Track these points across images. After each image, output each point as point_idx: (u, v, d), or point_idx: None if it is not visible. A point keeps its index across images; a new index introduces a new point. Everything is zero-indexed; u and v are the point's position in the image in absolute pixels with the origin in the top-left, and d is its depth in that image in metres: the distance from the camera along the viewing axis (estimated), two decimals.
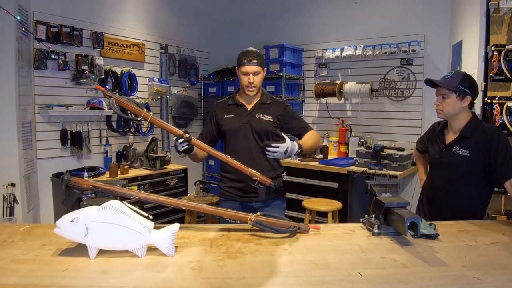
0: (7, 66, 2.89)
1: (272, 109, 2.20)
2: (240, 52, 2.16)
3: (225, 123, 2.20)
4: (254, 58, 2.08)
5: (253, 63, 2.08)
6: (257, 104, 2.20)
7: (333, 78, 4.44)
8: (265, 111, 2.19)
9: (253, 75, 2.10)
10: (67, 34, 3.49)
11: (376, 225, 1.58)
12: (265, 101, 2.22)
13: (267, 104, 2.22)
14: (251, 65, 2.09)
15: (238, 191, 2.19)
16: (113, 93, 3.84)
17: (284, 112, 2.21)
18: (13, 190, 2.87)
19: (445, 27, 3.74)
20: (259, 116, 2.17)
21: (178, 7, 4.74)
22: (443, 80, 1.94)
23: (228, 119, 2.20)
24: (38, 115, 3.41)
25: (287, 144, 1.85)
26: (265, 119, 2.16)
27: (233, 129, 2.17)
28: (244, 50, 2.16)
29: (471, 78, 1.95)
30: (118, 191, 1.53)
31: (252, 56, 2.09)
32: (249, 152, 2.13)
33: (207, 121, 2.32)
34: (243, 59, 2.10)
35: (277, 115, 2.19)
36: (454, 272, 1.24)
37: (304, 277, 1.20)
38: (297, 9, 4.74)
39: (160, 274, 1.21)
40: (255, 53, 2.12)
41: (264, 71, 2.17)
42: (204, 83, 5.02)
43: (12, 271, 1.21)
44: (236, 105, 2.21)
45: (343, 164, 3.72)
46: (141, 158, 4.01)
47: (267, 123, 2.16)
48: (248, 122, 2.16)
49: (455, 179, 1.98)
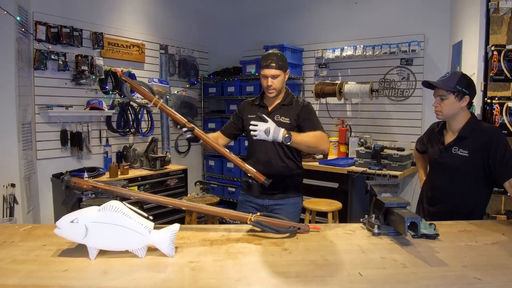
0: (7, 66, 2.89)
1: (292, 110, 2.22)
2: (263, 54, 2.20)
3: (247, 123, 2.23)
4: (272, 62, 2.12)
5: (271, 67, 2.13)
6: (278, 105, 2.24)
7: (333, 78, 4.44)
8: (284, 112, 2.21)
9: (271, 78, 2.14)
10: (67, 35, 3.49)
11: (376, 225, 1.58)
12: (286, 102, 2.24)
13: (287, 106, 2.23)
14: (269, 69, 2.13)
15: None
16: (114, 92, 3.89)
17: (301, 112, 2.20)
18: (13, 190, 2.87)
19: (445, 27, 3.74)
20: (277, 118, 2.20)
21: (178, 7, 4.74)
22: (441, 81, 1.94)
23: (250, 120, 2.20)
24: (38, 115, 3.41)
25: (267, 124, 1.88)
26: (283, 121, 2.19)
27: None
28: (265, 53, 2.20)
29: (468, 78, 1.94)
30: (118, 192, 1.53)
31: (271, 59, 2.13)
32: (265, 153, 2.19)
33: (232, 116, 2.41)
34: (262, 62, 2.15)
35: (294, 116, 2.20)
36: (454, 272, 1.24)
37: (305, 278, 1.20)
38: (297, 9, 4.74)
39: (160, 275, 1.21)
40: (274, 56, 2.14)
41: (286, 73, 2.20)
42: (204, 84, 5.02)
43: (12, 271, 1.21)
44: (259, 106, 2.28)
45: (343, 164, 3.72)
46: (141, 159, 4.01)
47: (284, 125, 2.12)
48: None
49: (454, 179, 1.98)
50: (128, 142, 4.18)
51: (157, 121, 4.46)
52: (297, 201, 2.31)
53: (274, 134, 1.88)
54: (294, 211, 2.26)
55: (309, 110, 2.21)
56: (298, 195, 2.32)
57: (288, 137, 1.91)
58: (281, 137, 1.89)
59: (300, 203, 2.33)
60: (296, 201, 2.30)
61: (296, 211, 2.28)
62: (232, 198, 4.69)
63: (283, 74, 2.17)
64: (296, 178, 2.29)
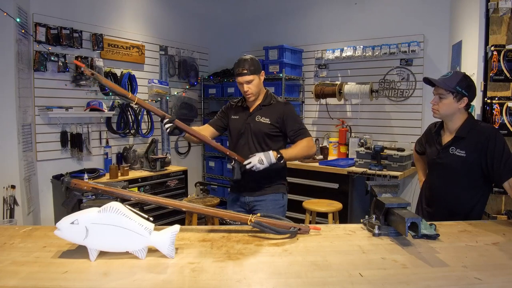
0: (7, 68, 2.89)
1: (272, 111, 2.29)
2: (235, 62, 2.25)
3: (230, 123, 2.39)
4: (244, 69, 2.18)
5: (244, 74, 2.19)
6: (258, 106, 2.32)
7: (333, 79, 4.44)
8: (264, 113, 2.29)
9: (246, 84, 2.21)
10: (67, 36, 3.49)
11: (376, 225, 1.58)
12: (266, 103, 2.31)
13: (267, 106, 2.30)
14: (242, 76, 2.20)
15: (234, 184, 2.41)
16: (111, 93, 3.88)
17: (283, 112, 2.27)
18: (13, 192, 2.87)
19: (444, 27, 3.75)
20: (258, 118, 2.29)
21: (178, 8, 4.75)
22: (441, 80, 1.94)
23: (233, 120, 2.38)
24: (38, 117, 3.41)
25: (257, 156, 2.09)
26: (263, 121, 2.27)
27: (235, 130, 2.36)
28: (236, 60, 2.25)
29: (470, 79, 1.93)
30: (118, 193, 1.53)
31: (242, 67, 2.18)
32: (248, 152, 2.22)
33: (220, 111, 2.49)
34: (235, 70, 2.22)
35: (275, 117, 2.27)
36: (455, 272, 1.24)
37: (305, 278, 1.20)
38: (296, 10, 4.75)
39: (160, 276, 1.21)
40: (245, 62, 2.19)
41: (260, 75, 2.25)
42: (204, 84, 5.02)
43: (13, 273, 1.21)
44: (242, 107, 2.37)
45: (343, 165, 3.72)
46: (141, 160, 4.02)
47: (264, 125, 2.26)
48: (248, 124, 2.29)
49: (452, 180, 1.97)
50: (128, 143, 4.18)
51: (157, 122, 4.46)
52: (277, 198, 2.33)
53: (266, 159, 2.09)
54: (274, 208, 2.29)
55: (289, 109, 2.31)
56: (278, 192, 2.34)
57: (280, 156, 2.12)
58: (274, 159, 2.10)
59: (281, 200, 2.35)
60: (275, 198, 2.32)
61: (277, 208, 2.30)
62: None
63: (257, 77, 2.23)
64: (275, 176, 2.31)
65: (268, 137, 2.27)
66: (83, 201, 1.55)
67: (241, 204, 2.38)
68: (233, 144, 2.37)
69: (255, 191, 2.31)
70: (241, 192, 2.36)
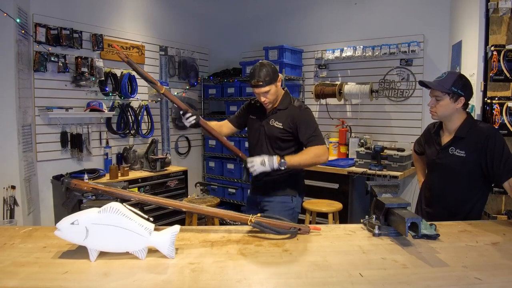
0: (7, 68, 2.89)
1: (286, 115, 2.26)
2: (251, 70, 2.22)
3: (248, 122, 2.44)
4: (259, 81, 2.15)
5: (260, 86, 2.16)
6: (274, 110, 2.31)
7: (333, 79, 4.44)
8: (279, 117, 2.27)
9: (262, 95, 2.21)
10: (67, 37, 3.49)
11: (376, 226, 1.58)
12: (282, 107, 2.28)
13: (282, 110, 2.28)
14: (259, 88, 2.18)
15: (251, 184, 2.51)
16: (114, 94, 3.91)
17: (296, 118, 2.23)
18: (13, 192, 2.87)
19: (444, 27, 3.75)
20: (272, 122, 2.28)
21: (178, 8, 4.75)
22: (436, 82, 1.93)
23: (251, 120, 2.41)
24: (38, 117, 3.41)
25: (260, 158, 2.10)
26: (276, 125, 2.26)
27: (251, 130, 2.41)
28: (251, 70, 2.21)
29: (465, 79, 1.93)
30: (119, 193, 1.53)
31: (258, 78, 2.15)
32: (260, 153, 2.23)
33: (241, 108, 2.51)
34: (251, 80, 2.20)
35: (289, 122, 2.24)
36: (455, 272, 1.24)
37: (305, 279, 1.20)
38: (296, 10, 4.75)
39: (160, 276, 1.21)
40: (261, 72, 2.15)
41: (277, 81, 2.22)
42: (204, 85, 5.02)
43: (13, 274, 1.21)
44: (260, 108, 2.36)
45: (343, 165, 3.72)
46: (141, 160, 4.01)
47: (277, 130, 2.26)
48: (263, 127, 2.32)
49: (452, 180, 1.97)
50: (128, 143, 4.18)
51: (157, 123, 4.47)
52: (286, 200, 2.32)
53: (269, 163, 2.08)
54: (282, 210, 2.27)
55: (303, 114, 2.24)
56: (287, 194, 2.33)
57: (283, 162, 2.09)
58: (277, 164, 2.09)
59: (289, 203, 2.32)
60: (284, 200, 2.32)
61: (284, 210, 2.28)
62: (232, 199, 4.69)
63: (273, 86, 2.19)
64: (286, 178, 2.30)
65: (281, 141, 2.26)
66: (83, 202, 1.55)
67: (255, 204, 2.42)
68: (250, 143, 2.42)
69: (265, 191, 2.34)
70: (255, 193, 2.43)
